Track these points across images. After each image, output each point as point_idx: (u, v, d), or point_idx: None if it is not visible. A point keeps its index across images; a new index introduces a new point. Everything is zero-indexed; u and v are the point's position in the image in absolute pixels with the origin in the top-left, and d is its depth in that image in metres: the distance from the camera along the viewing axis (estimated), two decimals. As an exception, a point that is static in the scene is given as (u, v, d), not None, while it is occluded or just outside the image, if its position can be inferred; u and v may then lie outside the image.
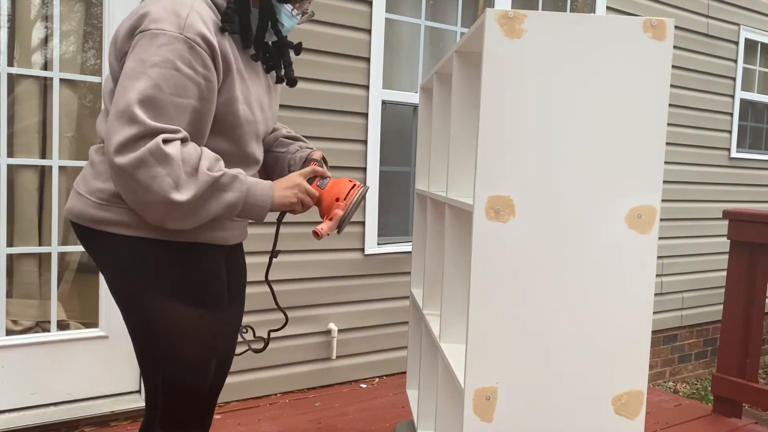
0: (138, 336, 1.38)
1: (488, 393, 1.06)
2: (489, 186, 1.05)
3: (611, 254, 1.05)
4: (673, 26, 1.07)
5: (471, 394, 1.05)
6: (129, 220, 1.34)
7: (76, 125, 2.60)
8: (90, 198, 1.36)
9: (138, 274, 1.34)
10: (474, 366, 1.06)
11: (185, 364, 1.39)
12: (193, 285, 1.38)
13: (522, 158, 1.05)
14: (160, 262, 1.35)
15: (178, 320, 1.36)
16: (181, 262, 1.37)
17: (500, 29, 1.02)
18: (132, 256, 1.35)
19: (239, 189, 1.32)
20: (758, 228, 2.85)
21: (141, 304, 1.35)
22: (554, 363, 1.07)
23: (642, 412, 1.07)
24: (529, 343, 1.06)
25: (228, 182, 1.30)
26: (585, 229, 1.05)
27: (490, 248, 1.05)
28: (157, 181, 1.22)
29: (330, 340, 3.12)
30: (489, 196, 1.05)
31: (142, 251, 1.35)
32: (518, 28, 1.02)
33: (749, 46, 4.91)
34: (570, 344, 1.07)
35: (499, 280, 1.06)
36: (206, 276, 1.41)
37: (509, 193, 1.05)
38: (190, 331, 1.38)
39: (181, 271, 1.37)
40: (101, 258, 1.40)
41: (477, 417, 1.06)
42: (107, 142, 1.25)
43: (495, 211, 1.05)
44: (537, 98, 1.05)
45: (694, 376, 4.91)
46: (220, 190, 1.29)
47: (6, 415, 2.46)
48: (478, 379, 1.06)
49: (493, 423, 1.05)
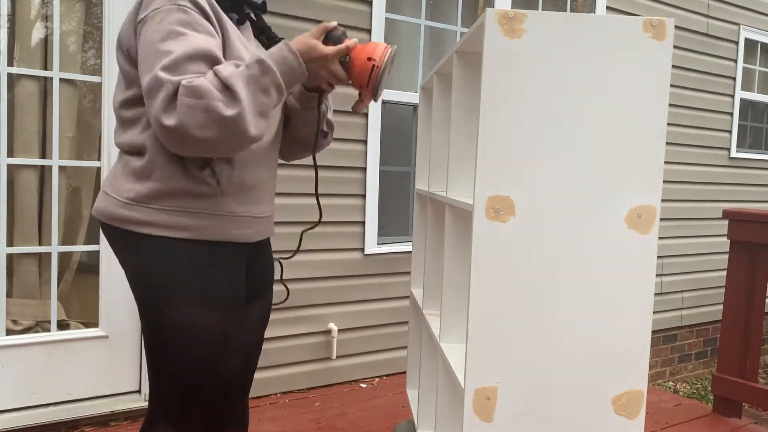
0: (152, 332, 1.41)
1: (488, 393, 1.06)
2: (489, 186, 1.06)
3: (611, 254, 1.06)
4: (673, 26, 1.07)
5: (471, 393, 1.06)
6: (156, 219, 1.37)
7: (76, 125, 2.60)
8: (118, 198, 1.39)
9: (160, 273, 1.37)
10: (474, 366, 1.06)
11: (195, 363, 1.41)
12: (211, 286, 1.41)
13: (522, 158, 1.06)
14: (181, 262, 1.38)
15: (192, 321, 1.39)
16: (202, 263, 1.40)
17: (500, 29, 1.03)
18: (156, 255, 1.37)
19: (270, 68, 1.31)
20: (758, 228, 2.85)
21: (159, 303, 1.38)
22: (554, 363, 1.07)
23: (642, 411, 1.07)
24: (529, 343, 1.06)
25: (259, 70, 1.29)
26: (585, 229, 1.05)
27: (490, 248, 1.05)
28: (208, 114, 1.23)
29: (330, 340, 3.12)
30: (489, 196, 1.05)
31: (166, 251, 1.37)
32: (518, 28, 1.03)
33: (749, 45, 4.91)
34: (570, 344, 1.07)
35: (499, 279, 1.07)
36: (226, 277, 1.43)
37: (509, 193, 1.05)
38: (203, 331, 1.40)
39: (201, 273, 1.39)
40: (126, 256, 1.42)
41: (477, 417, 1.07)
42: (153, 122, 1.26)
43: (495, 211, 1.05)
44: (537, 98, 1.05)
45: (694, 376, 4.91)
46: (256, 82, 1.29)
47: (6, 415, 2.46)
48: (478, 379, 1.07)
49: (493, 423, 1.06)
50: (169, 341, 1.39)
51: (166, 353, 1.40)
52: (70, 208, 2.62)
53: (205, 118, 1.23)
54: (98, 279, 2.65)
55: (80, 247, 2.63)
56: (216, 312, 1.41)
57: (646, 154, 1.07)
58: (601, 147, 1.06)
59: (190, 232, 1.38)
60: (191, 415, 1.45)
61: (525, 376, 1.07)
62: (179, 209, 1.37)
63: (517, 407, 1.07)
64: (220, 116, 1.23)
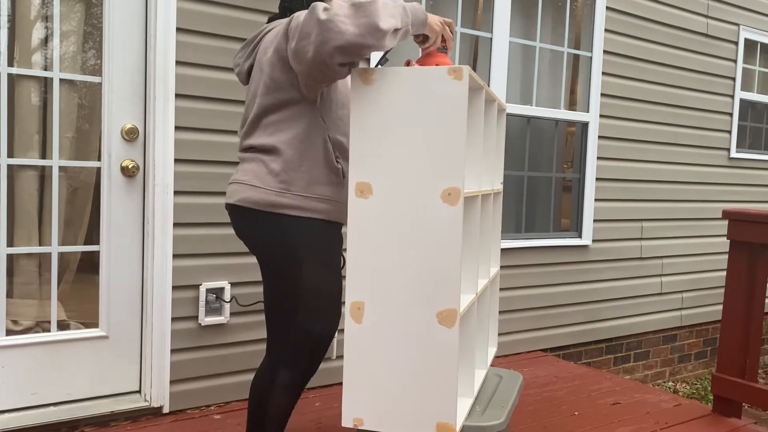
0: (288, 293, 1.79)
1: (359, 305, 1.69)
2: (357, 175, 1.68)
3: (433, 218, 1.63)
4: (468, 72, 1.59)
5: (349, 305, 1.69)
6: (300, 203, 1.77)
7: (76, 125, 2.60)
8: (269, 189, 1.77)
9: (301, 245, 1.77)
10: (351, 287, 1.69)
11: (322, 316, 1.82)
12: (333, 255, 1.83)
13: (376, 157, 1.66)
14: (317, 236, 1.78)
15: (323, 282, 1.79)
16: (327, 236, 1.81)
17: (359, 78, 1.65)
18: (299, 231, 1.77)
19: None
20: (758, 228, 2.86)
21: (299, 268, 1.77)
22: (399, 288, 1.65)
23: (456, 324, 1.61)
24: (383, 274, 1.66)
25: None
26: (414, 202, 1.64)
27: (360, 216, 1.68)
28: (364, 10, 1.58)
29: (330, 340, 3.12)
30: (357, 181, 1.68)
31: (306, 228, 1.77)
32: (371, 78, 1.65)
33: (749, 46, 4.92)
34: (408, 278, 1.65)
35: (366, 236, 1.67)
36: (339, 249, 1.86)
37: (369, 180, 1.67)
38: (329, 291, 1.81)
39: (326, 244, 1.81)
40: (271, 236, 1.78)
41: (353, 320, 1.69)
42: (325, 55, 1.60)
43: (361, 192, 1.67)
44: (382, 121, 1.65)
45: (693, 376, 4.91)
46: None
47: (6, 415, 2.46)
48: (353, 296, 1.69)
49: (362, 324, 1.69)
50: (306, 297, 1.79)
51: (298, 308, 1.79)
52: (70, 209, 2.62)
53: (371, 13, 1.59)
54: (98, 279, 2.65)
55: (80, 247, 2.63)
56: (336, 275, 1.84)
57: (452, 154, 1.60)
58: (424, 149, 1.62)
59: (319, 214, 1.80)
60: (309, 362, 1.84)
61: (381, 296, 1.66)
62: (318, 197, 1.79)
63: (376, 316, 1.67)
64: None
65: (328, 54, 1.59)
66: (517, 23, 3.73)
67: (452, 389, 1.61)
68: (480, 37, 3.60)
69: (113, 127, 2.61)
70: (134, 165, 2.64)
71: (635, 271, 4.37)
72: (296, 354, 1.82)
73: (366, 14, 1.56)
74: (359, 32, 1.56)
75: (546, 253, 3.91)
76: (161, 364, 2.68)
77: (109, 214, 2.63)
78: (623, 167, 4.21)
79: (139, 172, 2.66)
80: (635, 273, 4.37)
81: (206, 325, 2.79)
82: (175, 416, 2.72)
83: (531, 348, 3.90)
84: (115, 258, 2.65)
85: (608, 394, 3.25)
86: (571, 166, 4.08)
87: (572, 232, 4.06)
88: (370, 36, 1.57)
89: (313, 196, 1.78)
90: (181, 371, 2.75)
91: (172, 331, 2.71)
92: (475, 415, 1.85)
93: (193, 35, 2.68)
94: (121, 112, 2.62)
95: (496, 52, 3.59)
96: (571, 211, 4.08)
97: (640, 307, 4.43)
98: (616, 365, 4.38)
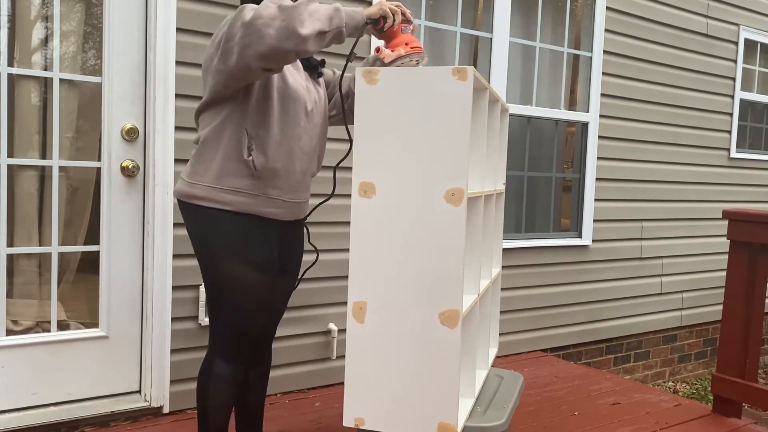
0: (211, 287, 1.84)
1: (361, 305, 1.70)
2: (361, 175, 1.68)
3: (436, 218, 1.63)
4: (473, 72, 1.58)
5: (351, 305, 1.71)
6: (208, 194, 1.78)
7: (76, 125, 2.60)
8: (186, 180, 1.83)
9: (212, 236, 1.80)
10: (353, 287, 1.70)
11: (238, 311, 1.84)
12: (250, 249, 1.82)
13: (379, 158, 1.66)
14: (227, 228, 1.79)
15: (237, 276, 1.81)
16: (242, 229, 1.81)
17: (363, 78, 1.65)
18: (209, 223, 1.80)
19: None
20: (758, 228, 2.86)
21: (213, 260, 1.81)
22: (401, 288, 1.66)
23: (458, 324, 1.61)
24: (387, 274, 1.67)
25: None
26: (418, 202, 1.64)
27: (363, 214, 1.68)
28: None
29: (330, 340, 3.12)
30: (360, 181, 1.68)
31: (217, 220, 1.79)
32: (375, 78, 1.64)
33: (749, 46, 4.92)
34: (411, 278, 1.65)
35: (368, 235, 1.67)
36: (259, 244, 1.84)
37: (372, 179, 1.67)
38: (243, 286, 1.82)
39: (241, 237, 1.81)
40: (189, 227, 1.84)
41: (354, 320, 1.70)
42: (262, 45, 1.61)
43: (364, 191, 1.67)
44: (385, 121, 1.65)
45: (693, 376, 4.91)
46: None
47: (6, 415, 2.46)
48: (355, 295, 1.70)
49: (364, 323, 1.69)
50: (223, 292, 1.83)
51: (220, 302, 1.84)
52: (70, 209, 2.62)
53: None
54: (98, 279, 2.64)
55: (80, 247, 2.63)
56: (255, 272, 1.83)
57: (456, 154, 1.60)
58: (428, 149, 1.62)
59: (231, 206, 1.80)
60: (237, 352, 1.88)
61: (383, 297, 1.67)
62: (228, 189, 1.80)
63: (378, 316, 1.68)
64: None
65: (252, 58, 1.60)
66: (517, 23, 3.73)
67: (454, 390, 1.61)
68: (480, 37, 3.60)
69: (113, 127, 2.60)
70: (134, 165, 2.63)
71: (635, 271, 4.37)
72: (224, 345, 1.87)
73: (286, 18, 1.55)
74: (278, 36, 1.56)
75: (546, 253, 3.91)
76: (161, 364, 2.68)
77: (109, 214, 2.62)
78: (623, 167, 4.21)
79: (139, 172, 2.66)
80: (635, 273, 4.37)
81: (206, 325, 2.78)
82: (175, 416, 2.71)
83: (531, 348, 3.90)
84: (115, 258, 2.65)
85: (608, 394, 3.25)
86: (571, 166, 4.08)
87: (572, 232, 4.06)
88: (288, 41, 1.56)
89: (222, 188, 1.79)
90: (181, 371, 2.74)
91: (172, 331, 2.71)
92: (477, 415, 1.85)
93: (193, 35, 2.67)
94: (121, 112, 2.62)
95: (496, 52, 3.59)
96: (571, 211, 4.08)
97: (640, 307, 4.43)
98: (616, 365, 4.38)
